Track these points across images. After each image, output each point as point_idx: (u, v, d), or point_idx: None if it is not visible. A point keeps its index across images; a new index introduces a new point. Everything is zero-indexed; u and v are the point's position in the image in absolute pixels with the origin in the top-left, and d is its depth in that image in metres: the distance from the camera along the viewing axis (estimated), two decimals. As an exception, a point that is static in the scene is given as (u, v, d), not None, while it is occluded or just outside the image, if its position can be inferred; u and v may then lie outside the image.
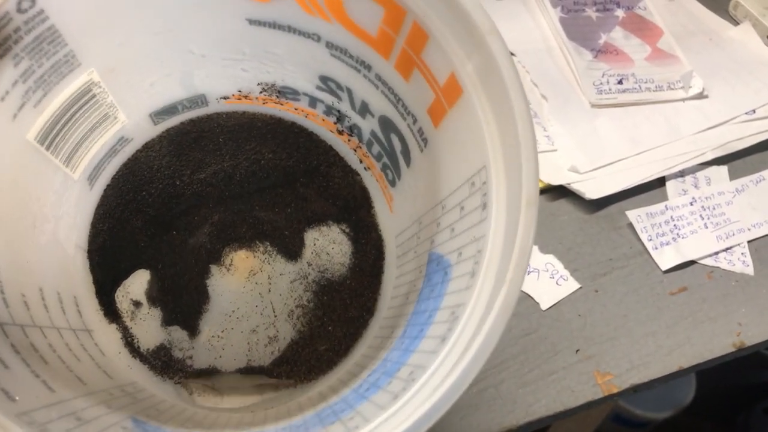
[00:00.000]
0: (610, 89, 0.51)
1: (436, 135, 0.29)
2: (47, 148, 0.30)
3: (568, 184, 0.46)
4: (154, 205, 0.36)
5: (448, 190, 0.28)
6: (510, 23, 0.56)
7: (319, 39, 0.31)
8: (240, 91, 0.36)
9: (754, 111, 0.51)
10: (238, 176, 0.37)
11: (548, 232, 0.44)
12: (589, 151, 0.47)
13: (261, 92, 0.35)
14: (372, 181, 0.37)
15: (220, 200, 0.37)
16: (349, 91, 0.34)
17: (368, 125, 0.34)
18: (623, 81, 0.52)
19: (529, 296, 0.41)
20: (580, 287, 0.41)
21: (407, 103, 0.31)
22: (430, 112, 0.29)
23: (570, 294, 0.41)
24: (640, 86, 0.52)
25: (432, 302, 0.27)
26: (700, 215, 0.45)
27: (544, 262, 0.42)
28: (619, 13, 0.57)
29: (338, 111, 0.35)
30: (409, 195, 0.33)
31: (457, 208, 0.27)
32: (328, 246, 0.36)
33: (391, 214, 0.35)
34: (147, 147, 0.36)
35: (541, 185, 0.46)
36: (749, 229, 0.45)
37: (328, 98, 0.35)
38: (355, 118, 0.35)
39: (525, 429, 0.36)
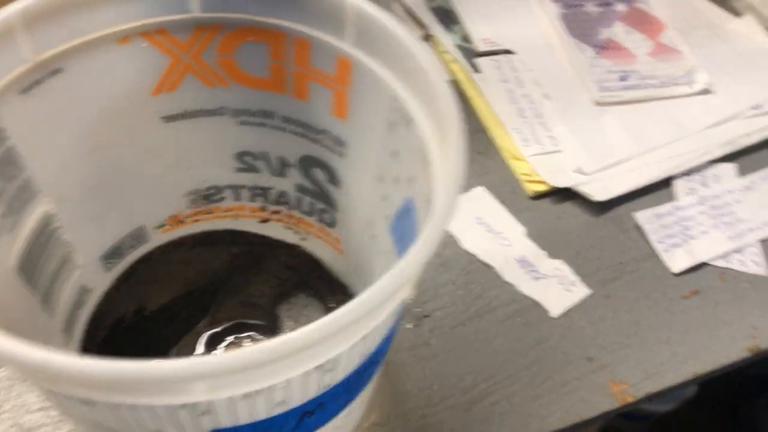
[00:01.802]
0: (613, 86, 0.50)
1: (347, 126, 0.31)
2: (27, 283, 0.29)
3: (574, 186, 0.44)
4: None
5: (377, 165, 0.30)
6: (509, 20, 0.54)
7: (224, 112, 0.33)
8: (173, 216, 0.37)
9: (760, 105, 0.50)
10: (192, 307, 0.38)
11: (555, 236, 0.43)
12: (595, 152, 0.46)
13: (190, 205, 0.36)
14: (316, 243, 0.37)
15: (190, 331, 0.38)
16: (265, 156, 0.35)
17: (290, 181, 0.35)
18: (627, 78, 0.51)
19: (539, 304, 0.40)
20: (591, 293, 0.40)
21: (314, 122, 0.32)
22: (334, 111, 0.31)
23: (580, 301, 0.40)
24: (644, 82, 0.51)
25: None
26: (710, 215, 0.44)
27: (552, 267, 0.41)
28: (620, 7, 0.56)
29: (261, 189, 0.36)
30: (349, 216, 0.34)
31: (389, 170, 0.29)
32: (302, 310, 0.38)
33: (342, 255, 0.36)
34: (108, 298, 0.36)
35: (546, 188, 0.45)
36: (760, 228, 0.44)
37: (249, 179, 0.36)
38: (279, 183, 0.36)
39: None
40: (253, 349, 0.18)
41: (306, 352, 0.18)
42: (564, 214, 0.44)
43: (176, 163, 0.35)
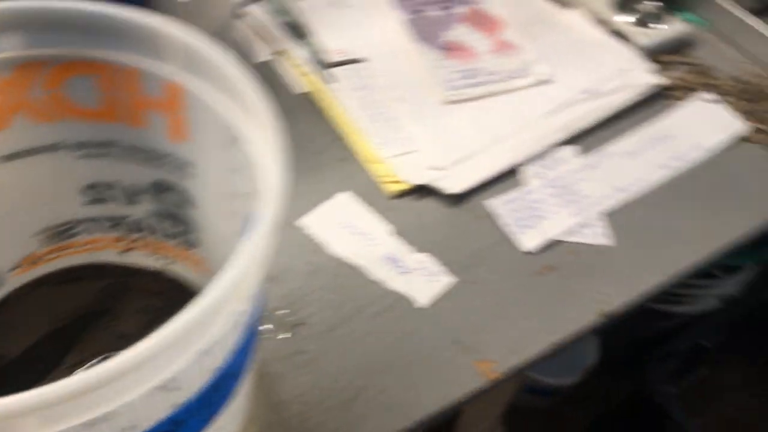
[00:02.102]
0: (460, 85, 0.53)
1: (190, 147, 0.32)
2: None
3: (430, 182, 0.47)
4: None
5: (223, 183, 0.31)
6: (359, 30, 0.56)
7: (62, 146, 0.33)
8: (27, 256, 0.36)
9: (590, 90, 0.54)
10: (60, 345, 0.37)
11: (419, 231, 0.45)
12: (447, 148, 0.49)
13: (45, 243, 0.36)
14: (181, 266, 0.38)
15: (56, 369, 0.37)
16: (113, 185, 0.35)
17: (144, 208, 0.36)
18: (471, 75, 0.54)
19: (406, 297, 0.41)
20: (455, 281, 0.43)
21: (157, 147, 0.33)
22: (174, 135, 0.32)
23: (446, 289, 0.42)
24: (488, 78, 0.54)
25: None
26: (556, 195, 0.48)
27: (418, 261, 0.43)
28: (460, 9, 0.59)
29: (116, 219, 0.37)
30: (210, 235, 0.34)
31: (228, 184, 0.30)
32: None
33: (209, 274, 0.36)
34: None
35: (405, 186, 0.47)
36: (603, 202, 0.48)
37: (102, 210, 0.36)
38: (133, 211, 0.36)
39: (422, 425, 0.37)
40: (80, 376, 0.18)
41: (132, 374, 0.19)
42: (425, 209, 0.46)
43: (22, 202, 0.35)
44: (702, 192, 0.50)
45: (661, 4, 0.61)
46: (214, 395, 0.26)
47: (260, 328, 0.39)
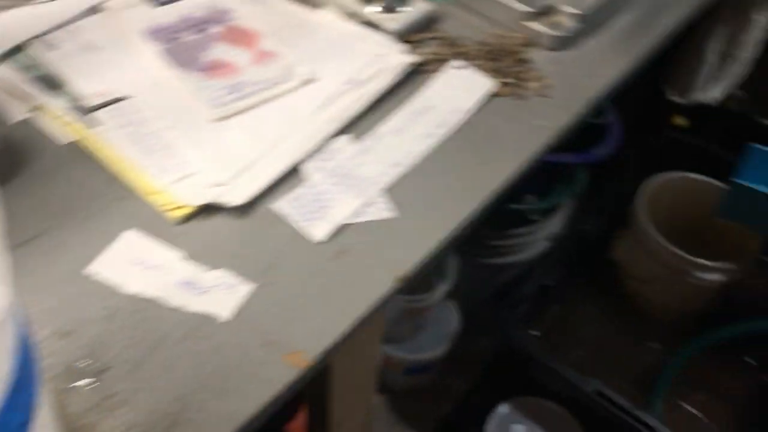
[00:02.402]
0: (225, 101, 0.55)
1: None
2: None
3: (214, 200, 0.48)
4: None
5: None
6: (117, 69, 0.56)
7: None
8: None
9: (351, 79, 0.58)
10: None
11: (210, 250, 0.46)
12: (225, 163, 0.50)
13: None
14: None
15: None
16: None
17: None
18: (237, 89, 0.56)
19: (207, 316, 0.42)
20: (255, 287, 0.44)
21: None
22: None
23: (247, 298, 0.43)
24: (252, 89, 0.56)
25: None
26: (338, 183, 0.51)
27: (214, 278, 0.44)
28: (216, 29, 0.61)
29: None
30: None
31: None
32: None
33: None
34: None
35: (189, 210, 0.47)
36: (380, 180, 0.51)
37: None
38: None
39: (246, 428, 0.38)
40: None
41: None
42: (215, 226, 0.47)
43: None
44: (467, 149, 0.55)
45: (400, -11, 0.66)
46: None
47: (70, 385, 0.38)
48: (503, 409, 1.15)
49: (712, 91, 1.40)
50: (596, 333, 1.39)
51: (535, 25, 0.65)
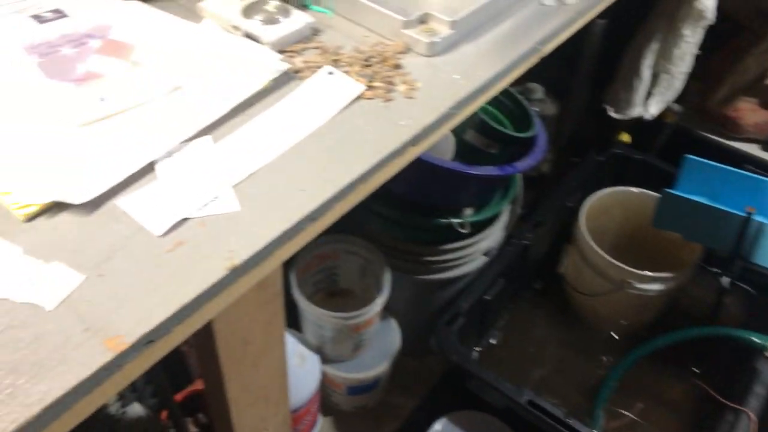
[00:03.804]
0: (93, 108, 0.57)
1: None
2: None
3: (58, 198, 0.49)
4: None
5: None
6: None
7: None
8: None
9: (223, 86, 0.60)
10: None
11: (52, 245, 0.47)
12: (77, 164, 0.52)
13: None
14: None
15: None
16: None
17: None
18: (106, 97, 0.58)
19: (33, 305, 0.44)
20: (85, 277, 0.45)
21: None
22: None
23: (76, 287, 0.45)
24: (122, 97, 0.58)
25: None
26: (187, 179, 0.52)
27: (48, 270, 0.46)
28: (95, 42, 0.63)
29: None
30: None
31: None
32: None
33: None
34: None
35: (36, 207, 0.49)
36: (232, 177, 0.53)
37: None
38: None
39: (40, 420, 0.39)
40: None
41: None
42: (59, 224, 0.49)
43: None
44: (324, 148, 0.57)
45: (279, 2, 0.68)
46: None
47: None
48: (439, 425, 1.14)
49: (649, 107, 1.43)
50: (544, 346, 1.39)
51: (412, 33, 0.68)
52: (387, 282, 1.17)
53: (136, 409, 0.87)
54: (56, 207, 0.50)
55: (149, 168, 0.53)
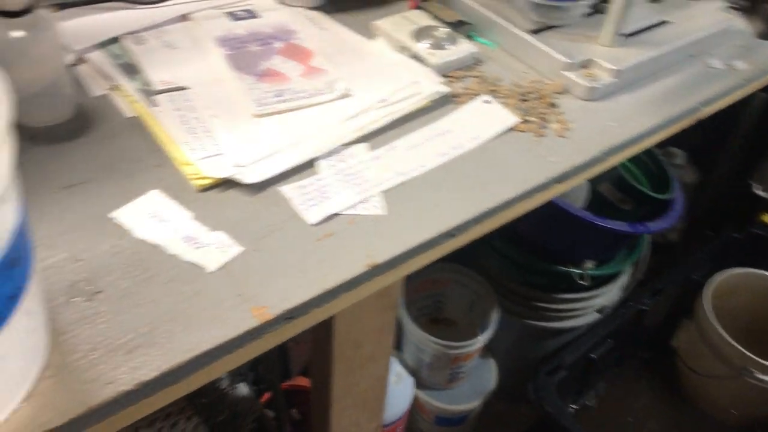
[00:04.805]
0: (270, 101, 0.62)
1: None
2: None
3: (231, 176, 0.54)
4: None
5: None
6: (185, 65, 0.66)
7: None
8: None
9: (385, 99, 0.64)
10: None
11: (218, 216, 0.52)
12: (250, 149, 0.57)
13: None
14: None
15: None
16: None
17: None
18: (281, 94, 0.63)
19: (197, 265, 0.48)
20: (244, 249, 0.50)
21: None
22: None
23: (234, 256, 0.49)
24: (295, 96, 0.63)
25: None
26: (343, 180, 0.56)
27: (213, 237, 0.50)
28: (278, 44, 0.69)
29: None
30: None
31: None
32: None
33: None
34: None
35: (210, 181, 0.54)
36: (382, 184, 0.56)
37: None
38: None
39: (193, 363, 0.43)
40: None
41: None
42: (227, 198, 0.54)
43: None
44: (472, 170, 0.59)
45: (449, 30, 0.72)
46: None
47: (69, 299, 0.45)
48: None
49: (802, 190, 1.34)
50: (643, 420, 1.33)
51: (572, 75, 0.69)
52: (494, 320, 1.17)
53: (242, 388, 0.91)
54: (227, 183, 0.55)
55: (310, 163, 0.58)
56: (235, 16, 0.72)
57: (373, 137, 0.61)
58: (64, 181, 0.54)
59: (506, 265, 1.19)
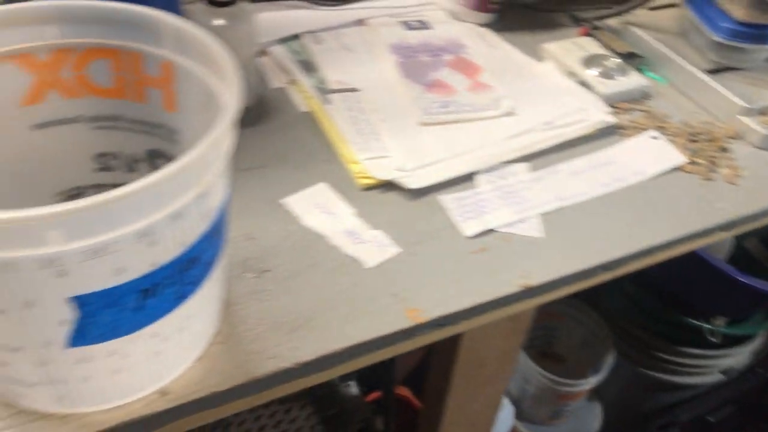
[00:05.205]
0: (436, 111, 0.63)
1: (177, 117, 0.41)
2: None
3: (395, 179, 0.56)
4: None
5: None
6: (358, 68, 0.68)
7: (81, 119, 0.42)
8: None
9: (550, 122, 0.64)
10: None
11: (378, 215, 0.54)
12: (414, 155, 0.59)
13: None
14: None
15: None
16: (117, 155, 0.45)
17: (140, 175, 0.43)
18: (447, 105, 0.64)
19: (357, 260, 0.50)
20: (400, 251, 0.51)
21: (152, 119, 0.42)
22: (166, 107, 0.41)
23: (391, 256, 0.51)
24: (461, 108, 0.64)
25: None
26: (502, 197, 0.56)
27: (372, 235, 0.52)
28: (448, 57, 0.71)
29: (116, 186, 0.44)
30: None
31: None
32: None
33: None
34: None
35: (374, 182, 0.56)
36: (542, 206, 0.56)
37: (107, 177, 0.45)
38: (131, 179, 0.45)
39: (348, 352, 0.44)
40: (103, 195, 0.28)
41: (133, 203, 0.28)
42: (387, 200, 0.56)
43: (45, 166, 0.44)
44: (634, 205, 0.57)
45: (620, 61, 0.70)
46: (185, 274, 0.35)
47: (240, 273, 0.48)
48: None
49: None
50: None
51: (749, 121, 0.66)
52: (608, 364, 1.13)
53: (352, 388, 0.93)
54: (388, 185, 0.57)
55: (469, 176, 0.58)
56: (408, 26, 0.74)
57: (534, 158, 0.61)
58: (243, 163, 0.57)
59: (629, 307, 1.15)
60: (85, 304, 0.32)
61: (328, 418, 0.84)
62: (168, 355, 0.39)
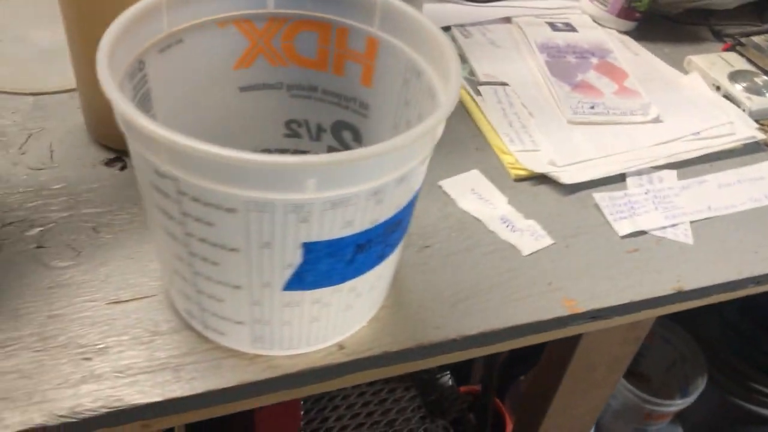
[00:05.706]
0: (584, 111, 0.65)
1: (371, 92, 0.43)
2: None
3: (548, 172, 0.58)
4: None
5: (393, 116, 0.41)
6: (506, 63, 0.70)
7: (281, 86, 0.45)
8: None
9: (699, 133, 0.64)
10: None
11: (530, 206, 0.56)
12: (564, 152, 0.60)
13: None
14: None
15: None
16: (306, 123, 0.47)
17: (324, 144, 0.47)
18: (595, 106, 0.65)
19: (514, 246, 0.52)
20: (554, 242, 0.53)
21: (347, 92, 0.44)
22: (363, 81, 0.43)
23: (546, 246, 0.52)
24: (608, 110, 0.65)
25: None
26: (653, 201, 0.57)
27: (526, 224, 0.54)
28: (594, 60, 0.72)
29: (299, 152, 0.47)
30: None
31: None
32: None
33: None
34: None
35: (526, 173, 0.58)
36: (692, 214, 0.56)
37: (293, 143, 0.48)
38: (314, 147, 0.47)
39: (508, 332, 0.46)
40: (355, 150, 0.30)
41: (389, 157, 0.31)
42: (539, 191, 0.57)
43: (244, 126, 0.47)
44: (785, 224, 0.57)
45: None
46: (390, 235, 0.37)
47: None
48: None
49: None
50: None
51: None
52: (697, 389, 1.11)
53: (446, 378, 0.95)
54: (539, 178, 0.58)
55: (620, 177, 0.59)
56: (554, 27, 0.76)
57: (681, 167, 0.61)
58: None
59: (728, 334, 1.12)
60: (312, 251, 0.34)
61: (428, 403, 0.86)
62: (355, 311, 0.41)
